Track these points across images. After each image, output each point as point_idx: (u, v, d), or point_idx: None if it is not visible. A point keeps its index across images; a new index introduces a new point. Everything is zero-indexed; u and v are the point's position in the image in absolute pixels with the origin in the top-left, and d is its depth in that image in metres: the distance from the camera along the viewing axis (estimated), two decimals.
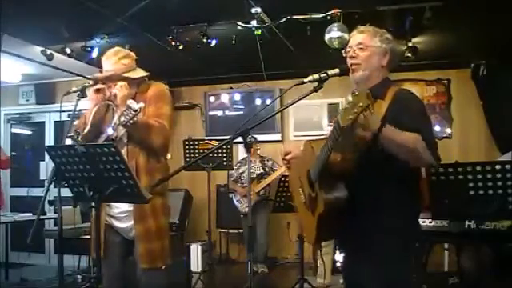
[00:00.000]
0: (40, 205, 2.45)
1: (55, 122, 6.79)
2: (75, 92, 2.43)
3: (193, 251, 5.64)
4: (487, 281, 3.55)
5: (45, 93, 6.66)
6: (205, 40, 4.43)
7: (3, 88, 5.53)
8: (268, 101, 6.40)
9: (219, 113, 6.74)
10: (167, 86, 2.90)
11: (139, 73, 2.58)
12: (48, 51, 4.83)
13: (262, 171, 5.66)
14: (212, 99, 6.77)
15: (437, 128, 5.97)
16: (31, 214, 4.88)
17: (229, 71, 6.28)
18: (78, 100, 2.40)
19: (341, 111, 1.57)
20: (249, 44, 4.59)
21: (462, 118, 5.94)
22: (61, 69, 5.43)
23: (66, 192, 2.24)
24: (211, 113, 6.76)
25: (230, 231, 6.29)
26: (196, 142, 4.98)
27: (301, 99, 2.00)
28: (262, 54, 4.88)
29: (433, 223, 3.44)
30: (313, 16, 4.09)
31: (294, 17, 4.12)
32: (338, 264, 4.87)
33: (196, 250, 5.67)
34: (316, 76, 1.89)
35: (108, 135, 2.45)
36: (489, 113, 5.62)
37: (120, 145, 2.43)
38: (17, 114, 6.98)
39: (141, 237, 2.44)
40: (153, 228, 2.45)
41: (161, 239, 2.49)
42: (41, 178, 6.60)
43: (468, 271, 3.91)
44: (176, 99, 6.54)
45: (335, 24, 4.06)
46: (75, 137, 2.40)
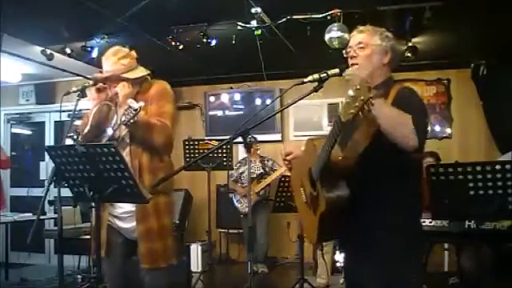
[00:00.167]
0: (40, 205, 2.45)
1: (55, 122, 6.80)
2: (75, 92, 2.43)
3: (193, 251, 5.64)
4: (487, 281, 3.55)
5: (45, 93, 6.66)
6: (205, 40, 4.43)
7: (3, 88, 5.53)
8: (268, 101, 6.40)
9: (219, 113, 6.74)
10: None
11: (139, 72, 2.57)
12: (48, 51, 4.83)
13: (262, 171, 5.66)
14: (212, 99, 6.77)
15: (437, 128, 5.98)
16: (31, 214, 4.88)
17: (229, 71, 6.28)
18: (78, 100, 2.40)
19: (342, 106, 1.55)
20: (249, 44, 4.59)
21: (462, 118, 5.94)
22: (61, 69, 5.43)
23: (66, 192, 2.24)
24: (211, 113, 6.76)
25: (230, 231, 6.29)
26: (196, 142, 4.97)
27: (301, 99, 1.99)
28: (262, 54, 4.88)
29: (433, 223, 3.45)
30: (313, 16, 4.09)
31: (294, 17, 4.12)
32: (338, 264, 4.88)
33: (196, 250, 5.68)
34: (316, 76, 1.88)
35: (110, 135, 2.45)
36: (489, 113, 5.62)
37: (123, 144, 2.43)
38: (17, 114, 6.99)
39: (142, 236, 2.43)
40: (155, 227, 2.44)
41: (163, 239, 2.47)
42: (41, 178, 6.60)
43: (468, 271, 3.91)
44: (176, 99, 6.53)
45: (335, 24, 4.06)
46: (75, 137, 2.40)
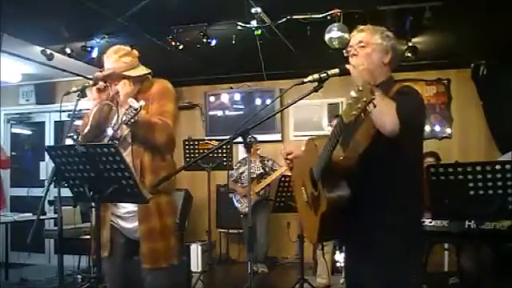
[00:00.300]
0: (40, 205, 2.44)
1: (55, 122, 6.80)
2: (75, 92, 2.42)
3: (193, 251, 5.64)
4: (487, 281, 3.55)
5: (45, 93, 6.66)
6: (205, 40, 4.43)
7: (3, 88, 5.53)
8: (268, 101, 6.40)
9: (219, 113, 6.74)
10: None
11: (141, 70, 2.56)
12: (48, 51, 4.83)
13: (262, 171, 5.66)
14: (212, 99, 6.77)
15: (437, 128, 5.98)
16: (31, 214, 4.88)
17: (229, 71, 6.27)
18: (78, 100, 2.39)
19: (344, 107, 1.56)
20: (249, 44, 4.59)
21: (462, 118, 5.94)
22: (61, 69, 5.43)
23: (66, 192, 2.24)
24: (211, 113, 6.76)
25: (230, 231, 6.29)
26: (196, 142, 4.97)
27: (301, 99, 1.99)
28: (262, 54, 4.88)
29: (433, 223, 3.44)
30: (313, 16, 4.09)
31: (294, 17, 4.12)
32: (338, 264, 4.88)
33: (196, 250, 5.67)
34: (316, 76, 1.88)
35: (112, 135, 2.44)
36: (489, 113, 5.62)
37: (124, 144, 2.42)
38: (17, 114, 6.98)
39: (144, 236, 2.42)
40: (157, 227, 2.43)
41: (166, 239, 2.46)
42: (41, 178, 6.60)
43: (468, 271, 3.91)
44: (177, 98, 6.54)
45: (335, 24, 4.06)
46: (75, 137, 2.40)
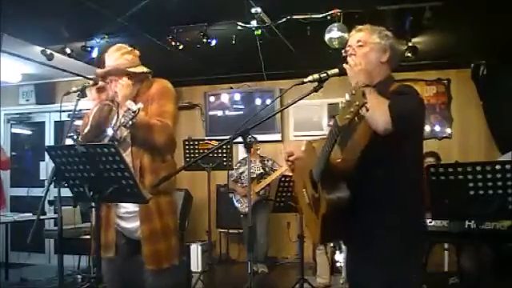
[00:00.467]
0: (40, 205, 2.44)
1: (55, 122, 6.80)
2: (75, 92, 2.42)
3: (193, 251, 5.64)
4: (487, 281, 3.55)
5: (45, 93, 6.67)
6: (205, 40, 4.43)
7: (3, 88, 5.54)
8: (268, 101, 6.40)
9: (219, 113, 6.74)
10: None
11: (142, 69, 2.55)
12: (48, 51, 4.83)
13: (262, 171, 5.66)
14: (212, 99, 6.77)
15: (437, 128, 5.98)
16: (31, 214, 4.88)
17: (229, 71, 6.27)
18: (78, 100, 2.39)
19: (339, 110, 1.57)
20: (249, 44, 4.59)
21: (462, 118, 5.94)
22: (61, 69, 5.43)
23: (66, 192, 2.24)
24: (211, 113, 6.76)
25: (230, 231, 6.29)
26: (196, 142, 4.97)
27: (301, 99, 1.99)
28: (262, 54, 4.88)
29: (433, 223, 3.44)
30: (313, 16, 4.09)
31: (294, 17, 4.12)
32: (338, 264, 4.88)
33: (196, 250, 5.67)
34: (316, 76, 1.88)
35: (112, 135, 2.44)
36: (489, 113, 5.62)
37: (124, 145, 2.42)
38: (17, 114, 6.99)
39: (146, 238, 2.42)
40: (158, 228, 2.43)
41: (167, 239, 2.46)
42: (41, 178, 6.60)
43: (468, 271, 3.91)
44: (177, 97, 6.54)
45: (335, 24, 4.06)
46: (75, 137, 2.40)
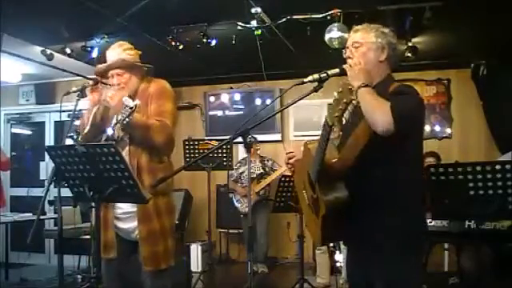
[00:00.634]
0: (40, 205, 2.44)
1: (55, 122, 6.80)
2: (75, 92, 2.42)
3: (193, 251, 5.64)
4: (487, 281, 3.55)
5: (45, 93, 6.67)
6: (205, 40, 4.43)
7: (3, 88, 5.54)
8: (268, 101, 6.40)
9: (219, 113, 6.74)
10: None
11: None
12: (48, 51, 4.84)
13: (262, 171, 5.66)
14: (212, 99, 6.77)
15: (437, 128, 5.98)
16: (31, 214, 4.89)
17: (229, 71, 6.27)
18: (78, 100, 2.39)
19: (327, 109, 1.59)
20: (249, 44, 4.58)
21: (462, 118, 5.94)
22: (61, 69, 5.42)
23: (66, 192, 2.24)
24: (211, 113, 6.76)
25: (230, 231, 6.29)
26: (196, 142, 4.97)
27: (301, 99, 1.99)
28: (262, 54, 4.87)
29: (433, 223, 3.44)
30: (313, 16, 4.09)
31: (294, 17, 4.12)
32: (338, 264, 4.87)
33: (196, 250, 5.67)
34: (316, 76, 1.87)
35: (109, 135, 2.44)
36: (489, 113, 5.62)
37: (122, 144, 2.42)
38: (17, 114, 6.99)
39: (144, 239, 2.42)
40: (156, 229, 2.43)
41: (165, 240, 2.48)
42: (41, 178, 6.60)
43: (468, 271, 3.90)
44: (176, 97, 6.53)
45: (335, 24, 4.06)
46: (75, 137, 2.40)
